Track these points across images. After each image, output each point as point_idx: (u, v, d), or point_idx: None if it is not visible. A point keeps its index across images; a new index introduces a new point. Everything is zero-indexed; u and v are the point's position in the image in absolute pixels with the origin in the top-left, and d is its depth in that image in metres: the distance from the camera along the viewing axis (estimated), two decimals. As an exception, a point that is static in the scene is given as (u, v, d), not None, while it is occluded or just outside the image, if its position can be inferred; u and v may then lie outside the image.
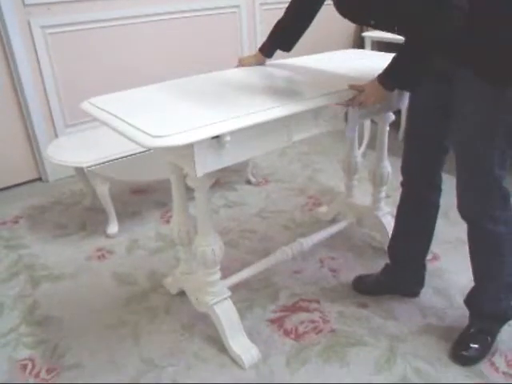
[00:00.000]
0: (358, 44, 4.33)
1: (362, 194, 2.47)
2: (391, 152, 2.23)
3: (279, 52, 1.99)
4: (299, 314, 1.94)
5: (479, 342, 1.70)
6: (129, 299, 2.07)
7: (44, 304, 2.06)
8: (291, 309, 1.98)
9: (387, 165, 2.16)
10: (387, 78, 1.55)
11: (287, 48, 1.96)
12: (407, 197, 1.86)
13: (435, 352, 1.73)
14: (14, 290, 2.15)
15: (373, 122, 2.81)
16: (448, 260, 2.21)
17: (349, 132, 1.71)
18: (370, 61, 2.09)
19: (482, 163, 1.50)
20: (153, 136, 1.27)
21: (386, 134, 2.12)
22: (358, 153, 2.34)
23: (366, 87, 1.60)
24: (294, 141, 1.61)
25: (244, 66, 2.00)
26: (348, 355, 1.74)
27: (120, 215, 2.63)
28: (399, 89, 1.64)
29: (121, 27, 3.21)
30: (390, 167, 2.17)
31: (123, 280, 2.20)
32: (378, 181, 2.17)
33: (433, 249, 2.01)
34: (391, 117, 2.07)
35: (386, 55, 2.19)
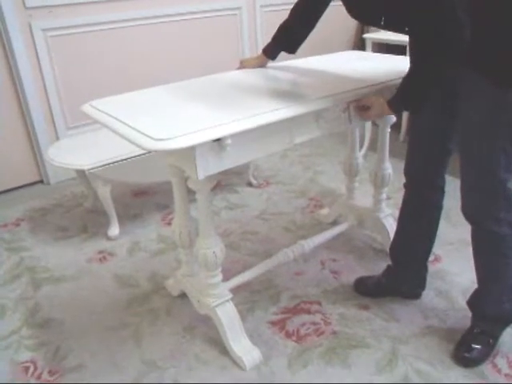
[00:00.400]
0: (359, 46, 4.34)
1: (363, 196, 2.47)
2: (392, 154, 2.24)
3: (281, 53, 1.99)
4: (301, 316, 1.94)
5: (481, 344, 1.69)
6: (130, 301, 2.07)
7: (45, 306, 2.06)
8: (293, 311, 1.97)
9: (388, 166, 2.16)
10: (399, 105, 1.57)
11: (292, 50, 1.95)
12: (410, 198, 1.85)
13: (437, 354, 1.73)
14: (16, 293, 2.15)
15: (374, 124, 2.81)
16: (450, 262, 2.21)
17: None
18: (371, 62, 2.10)
19: (487, 164, 1.49)
20: (154, 139, 1.27)
21: (387, 136, 2.12)
22: (359, 154, 2.34)
23: (374, 105, 1.62)
24: (296, 143, 1.61)
25: (245, 68, 2.00)
26: (350, 357, 1.73)
27: (121, 217, 2.63)
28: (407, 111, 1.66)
29: (122, 30, 3.21)
30: (391, 169, 2.17)
31: (124, 282, 2.20)
32: (379, 182, 2.17)
33: (435, 250, 2.01)
34: (392, 118, 2.07)
35: (387, 57, 2.21)
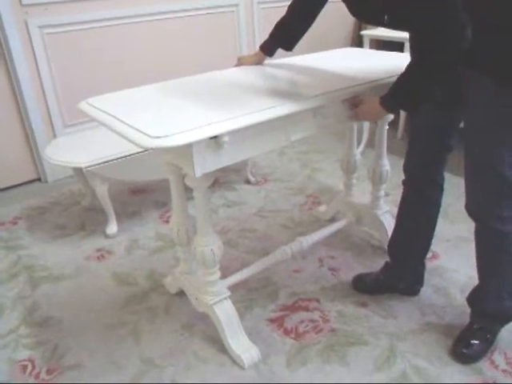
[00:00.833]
0: (357, 42, 4.33)
1: (361, 193, 2.47)
2: (390, 150, 2.24)
3: (278, 50, 1.98)
4: (299, 314, 1.94)
5: (480, 340, 1.70)
6: (128, 299, 2.07)
7: (43, 305, 2.06)
8: (291, 308, 1.97)
9: (386, 163, 2.16)
10: (392, 103, 1.54)
11: (289, 47, 1.95)
12: (409, 195, 1.85)
13: (435, 350, 1.73)
14: (14, 291, 2.15)
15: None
16: (447, 258, 2.21)
17: None
18: (368, 60, 2.10)
19: (491, 162, 1.48)
20: (152, 137, 1.26)
21: (385, 133, 2.12)
22: (357, 151, 2.34)
23: (366, 103, 1.61)
24: (293, 140, 1.61)
25: (243, 65, 1.99)
26: (348, 354, 1.74)
27: (119, 215, 2.63)
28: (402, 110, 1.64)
29: (119, 27, 3.20)
30: (389, 166, 2.17)
31: (123, 280, 2.19)
32: (377, 179, 2.17)
33: (432, 247, 2.01)
34: (390, 116, 2.06)
35: (384, 54, 2.21)
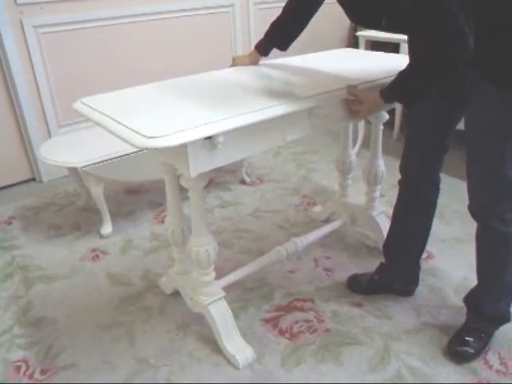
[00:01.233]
0: (353, 43, 4.34)
1: (357, 194, 2.47)
2: (385, 151, 2.24)
3: (273, 51, 1.99)
4: (294, 314, 1.94)
5: (475, 340, 1.70)
6: (123, 299, 2.06)
7: (38, 305, 2.05)
8: (286, 308, 1.98)
9: (381, 164, 2.16)
10: (391, 96, 1.55)
11: (284, 47, 1.96)
12: (405, 195, 1.85)
13: (430, 350, 1.74)
14: (8, 292, 2.14)
15: (367, 122, 2.81)
16: (443, 259, 2.22)
17: None
18: (364, 60, 2.10)
19: (495, 164, 1.47)
20: (146, 137, 1.26)
21: (380, 133, 2.12)
22: (352, 152, 2.34)
23: (366, 101, 1.61)
24: (288, 141, 1.61)
25: (238, 66, 1.99)
26: (342, 354, 1.74)
27: (114, 215, 2.62)
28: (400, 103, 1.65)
29: (114, 27, 3.20)
30: (384, 166, 2.17)
31: (117, 280, 2.19)
32: (372, 180, 2.17)
33: (428, 247, 2.01)
34: (385, 116, 2.07)
35: (379, 54, 2.21)
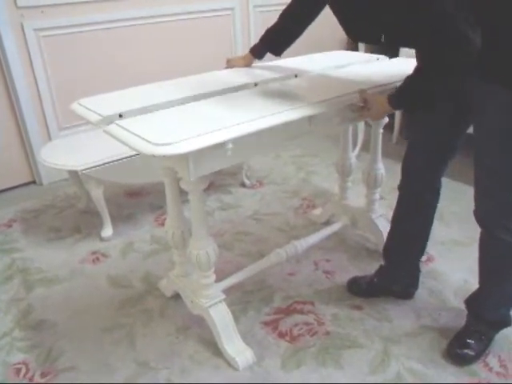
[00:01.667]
0: (352, 46, 4.34)
1: (356, 196, 2.47)
2: (385, 154, 2.25)
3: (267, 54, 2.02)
4: (294, 317, 1.95)
5: (475, 341, 1.70)
6: (123, 302, 2.06)
7: (38, 308, 2.05)
8: (286, 311, 1.98)
9: (381, 167, 2.17)
10: (398, 102, 1.55)
11: (277, 52, 2.00)
12: (405, 199, 1.84)
13: (429, 353, 1.74)
14: (8, 294, 2.14)
15: (367, 125, 2.82)
16: (442, 261, 2.22)
17: None
18: (363, 64, 2.11)
19: (505, 174, 1.47)
20: (154, 144, 1.25)
21: (380, 137, 2.13)
22: (352, 155, 2.34)
23: (374, 105, 1.62)
24: (290, 144, 1.62)
25: (233, 67, 2.03)
26: (342, 357, 1.74)
27: (114, 218, 2.62)
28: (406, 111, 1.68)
29: (115, 30, 3.20)
30: (384, 169, 2.18)
31: (118, 283, 2.19)
32: (372, 183, 2.18)
33: (427, 250, 2.02)
34: (385, 119, 2.07)
35: (373, 56, 2.23)
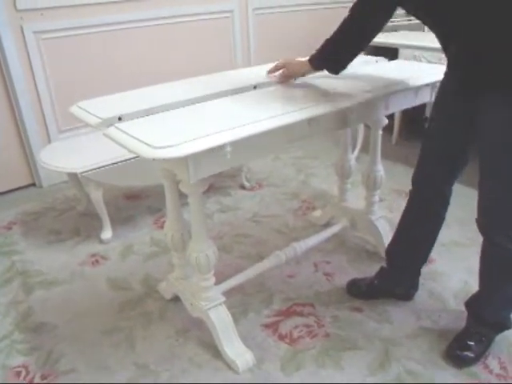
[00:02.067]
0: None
1: (356, 198, 2.47)
2: (384, 156, 2.25)
3: (270, 55, 2.01)
4: (294, 319, 1.94)
5: (476, 342, 1.70)
6: (123, 305, 2.06)
7: (38, 310, 2.05)
8: (285, 313, 1.98)
9: (380, 168, 2.16)
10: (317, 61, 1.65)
11: (335, 71, 1.78)
12: (415, 207, 1.82)
13: (429, 355, 1.73)
14: (8, 297, 2.14)
15: (366, 126, 2.82)
16: (442, 263, 2.22)
17: None
18: (363, 66, 2.12)
19: (508, 183, 1.47)
20: (154, 147, 1.25)
21: (379, 138, 2.13)
22: (352, 157, 2.34)
23: (290, 66, 1.74)
24: (289, 145, 1.62)
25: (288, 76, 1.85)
26: (342, 359, 1.74)
27: (114, 221, 2.62)
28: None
29: (114, 32, 3.21)
30: (384, 171, 2.18)
31: (117, 285, 2.19)
32: (372, 185, 2.18)
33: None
34: (384, 121, 2.08)
35: (373, 58, 2.23)
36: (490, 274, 1.67)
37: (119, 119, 1.48)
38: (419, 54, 3.15)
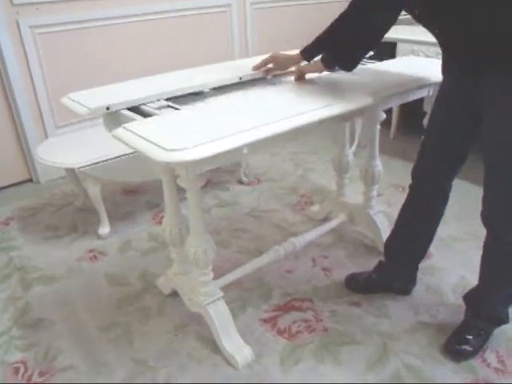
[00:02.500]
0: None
1: (354, 193, 2.47)
2: (382, 151, 2.24)
3: (268, 49, 2.00)
4: (292, 314, 1.95)
5: (474, 336, 1.71)
6: (121, 300, 2.06)
7: (36, 306, 2.05)
8: (284, 308, 1.98)
9: (378, 163, 2.16)
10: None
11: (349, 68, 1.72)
12: (414, 202, 1.82)
13: (428, 349, 1.74)
14: (5, 293, 2.14)
15: (364, 121, 2.81)
16: (440, 257, 2.22)
17: None
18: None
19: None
20: (167, 150, 1.22)
21: (377, 133, 2.13)
22: (350, 152, 2.34)
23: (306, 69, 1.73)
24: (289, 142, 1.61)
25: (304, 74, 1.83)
26: (341, 354, 1.74)
27: (112, 216, 2.62)
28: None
29: (111, 27, 3.19)
30: (382, 166, 2.17)
31: (115, 281, 2.19)
32: (370, 179, 2.18)
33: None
34: (382, 115, 2.07)
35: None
36: (492, 269, 1.67)
37: (107, 109, 1.53)
38: (418, 49, 3.15)
